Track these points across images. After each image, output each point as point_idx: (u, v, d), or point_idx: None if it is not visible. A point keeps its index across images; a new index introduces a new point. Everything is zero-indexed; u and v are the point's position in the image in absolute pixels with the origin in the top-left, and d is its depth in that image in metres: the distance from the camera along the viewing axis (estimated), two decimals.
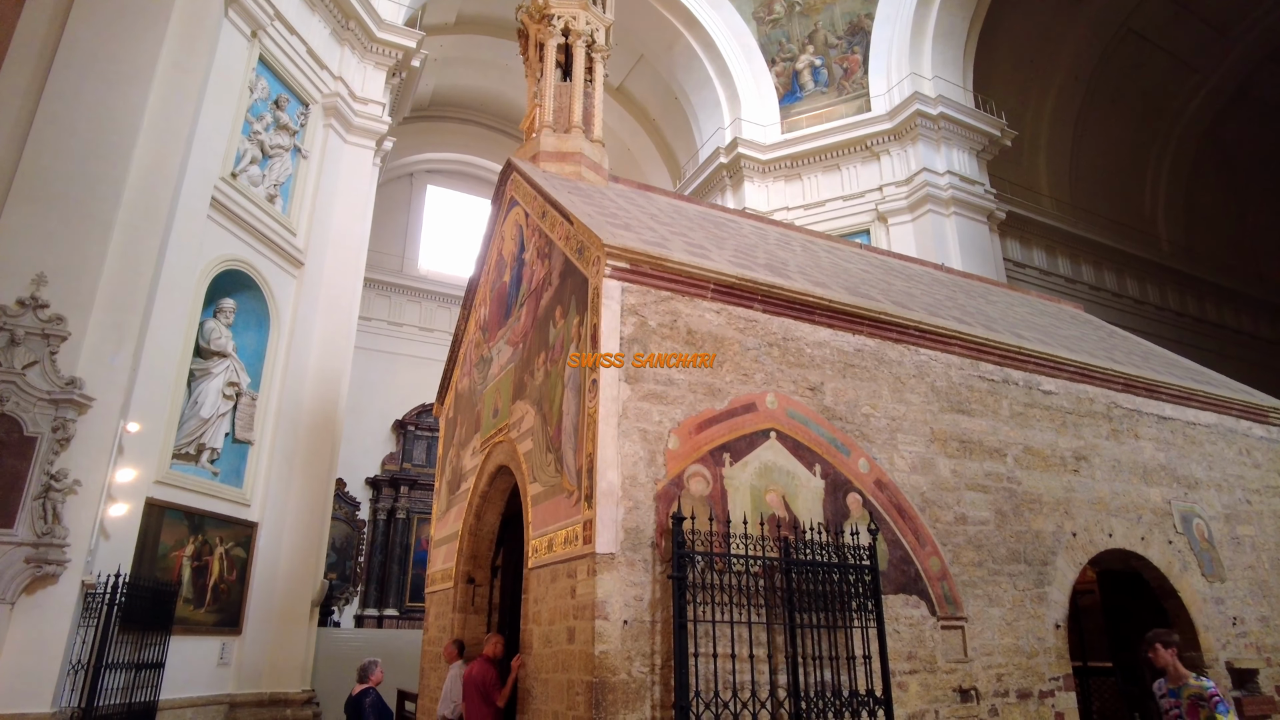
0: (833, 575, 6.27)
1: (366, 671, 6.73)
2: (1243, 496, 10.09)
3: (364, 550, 20.28)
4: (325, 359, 16.22)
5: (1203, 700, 4.74)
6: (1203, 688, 4.87)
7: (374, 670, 6.77)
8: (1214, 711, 4.68)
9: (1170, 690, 5.38)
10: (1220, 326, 26.86)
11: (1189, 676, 4.99)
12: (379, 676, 6.66)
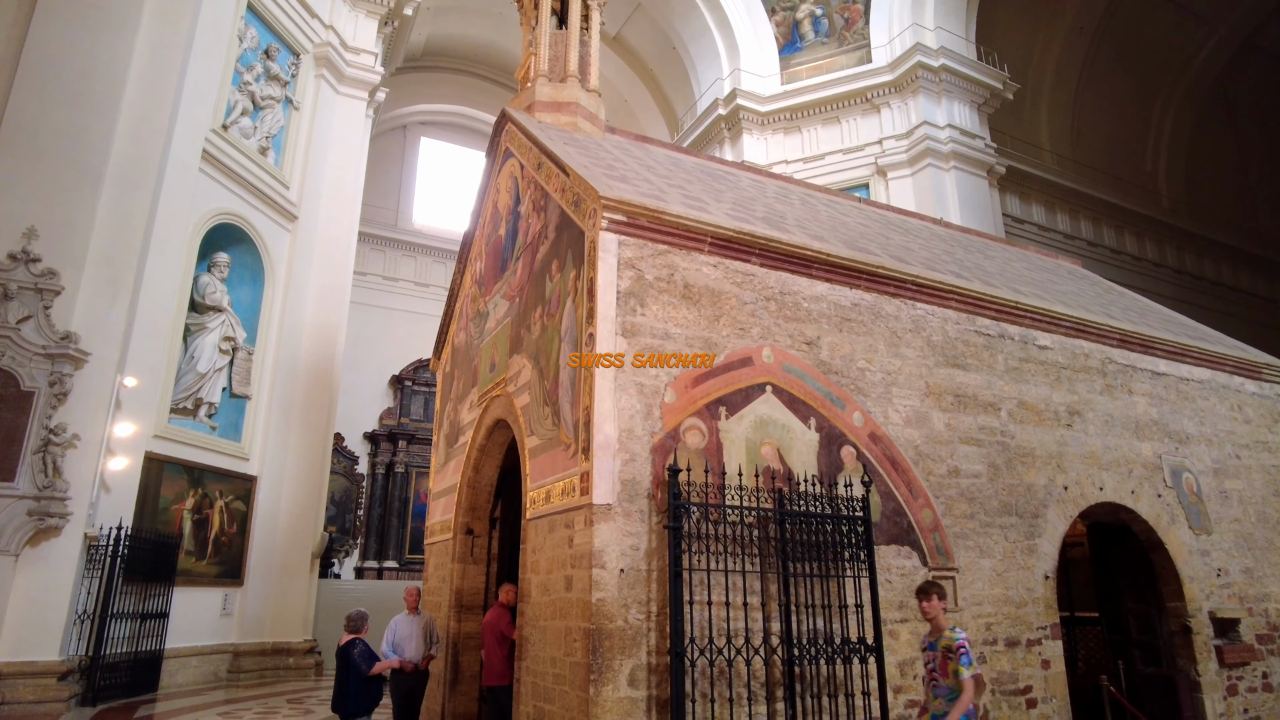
0: (826, 526, 6.36)
1: (356, 623, 6.81)
2: (1232, 451, 10.20)
3: (363, 504, 20.48)
4: (321, 313, 16.18)
5: (951, 652, 4.68)
6: (953, 639, 4.82)
7: (364, 623, 6.80)
8: (959, 664, 4.63)
9: (930, 643, 5.34)
10: (1217, 284, 26.85)
11: (946, 628, 4.90)
12: (368, 629, 6.77)
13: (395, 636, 7.80)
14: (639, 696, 5.49)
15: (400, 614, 8.02)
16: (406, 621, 7.93)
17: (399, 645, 7.75)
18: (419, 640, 7.82)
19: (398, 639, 7.78)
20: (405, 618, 7.95)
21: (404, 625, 7.90)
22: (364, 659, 6.51)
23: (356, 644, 6.55)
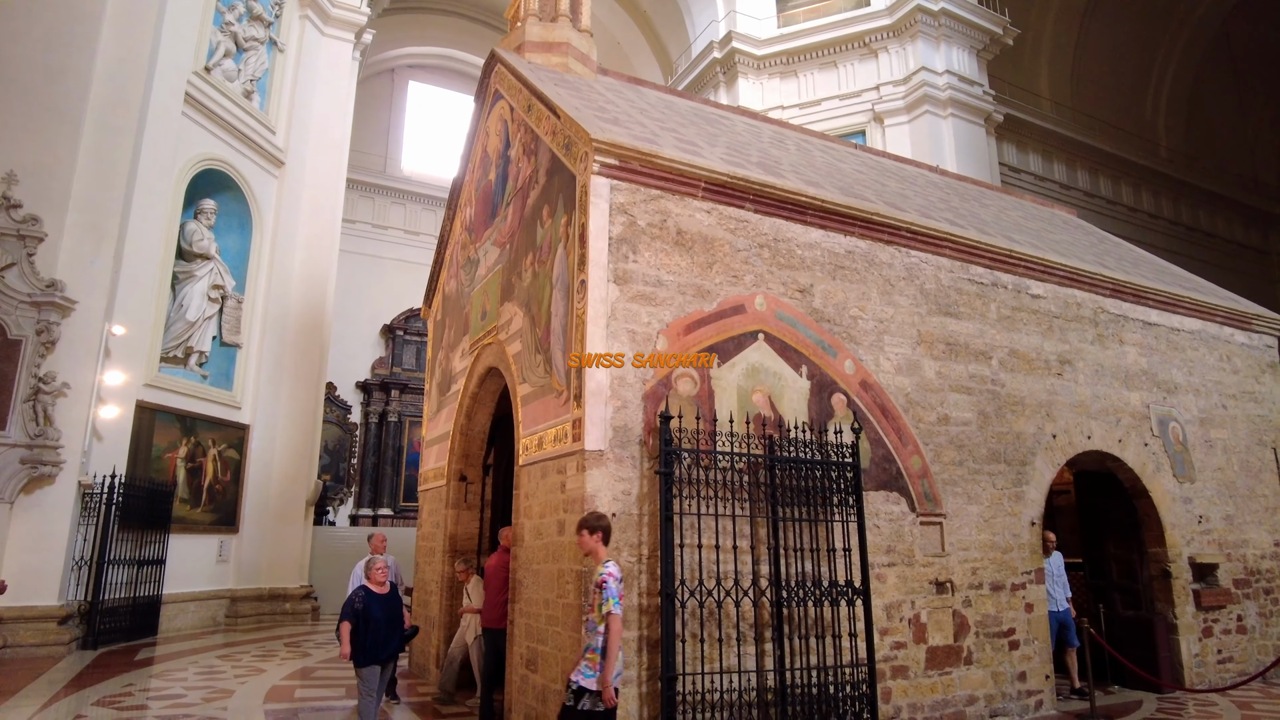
0: (815, 472, 6.41)
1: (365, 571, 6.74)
2: (1219, 401, 10.29)
3: (357, 452, 20.57)
4: (310, 261, 16.02)
5: (598, 587, 4.60)
6: (599, 573, 4.70)
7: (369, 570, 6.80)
8: (603, 598, 4.57)
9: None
10: (1212, 235, 26.79)
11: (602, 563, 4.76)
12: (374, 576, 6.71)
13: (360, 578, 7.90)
14: (630, 637, 5.59)
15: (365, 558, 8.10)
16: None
17: None
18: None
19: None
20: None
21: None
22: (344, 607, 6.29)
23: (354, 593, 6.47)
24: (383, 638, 6.15)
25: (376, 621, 6.12)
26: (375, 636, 6.10)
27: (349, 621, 6.05)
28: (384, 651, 6.19)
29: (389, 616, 6.26)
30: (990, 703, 7.21)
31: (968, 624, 7.23)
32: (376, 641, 6.12)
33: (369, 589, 6.26)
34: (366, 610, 6.13)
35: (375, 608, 6.17)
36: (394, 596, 6.43)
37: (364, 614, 6.11)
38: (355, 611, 6.10)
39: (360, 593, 6.22)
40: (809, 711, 5.92)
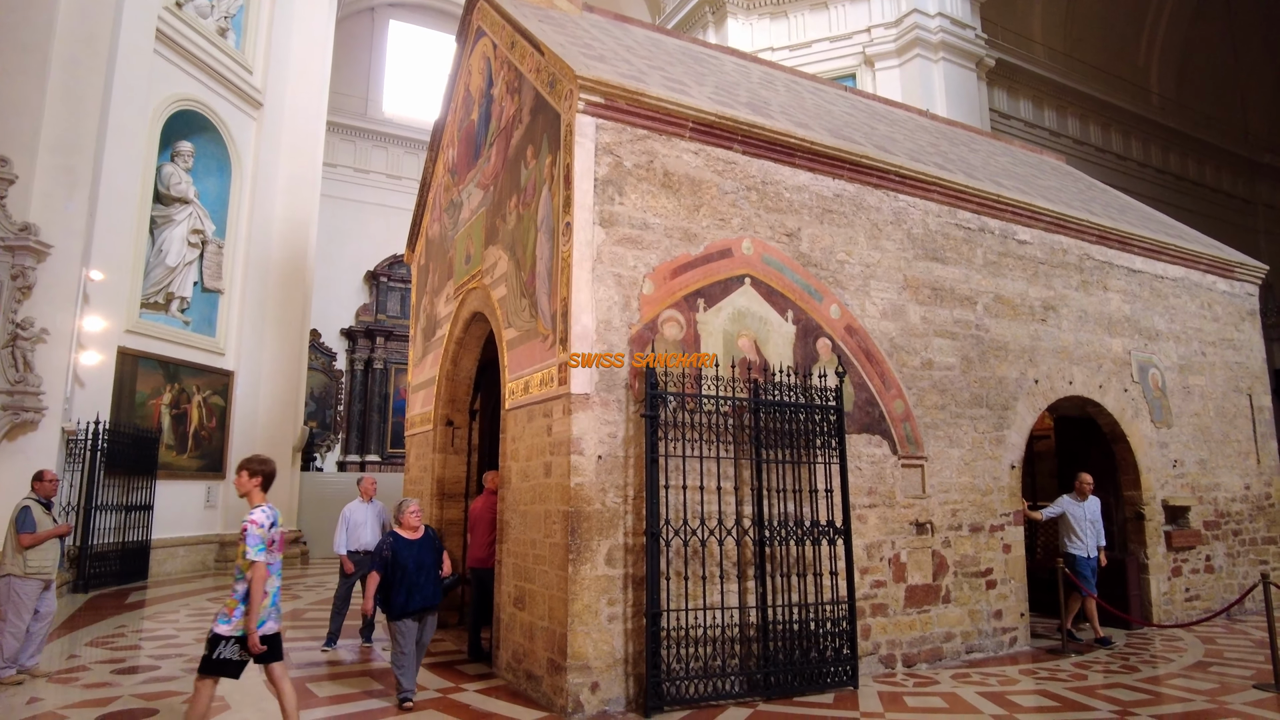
0: (799, 415, 6.47)
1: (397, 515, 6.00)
2: (1198, 348, 10.42)
3: (343, 399, 20.54)
4: (291, 206, 15.76)
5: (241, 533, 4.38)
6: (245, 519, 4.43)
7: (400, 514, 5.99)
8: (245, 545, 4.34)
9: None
10: (1199, 184, 26.76)
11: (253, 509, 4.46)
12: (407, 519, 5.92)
13: (349, 524, 7.90)
14: (616, 574, 5.69)
15: (354, 501, 8.09)
16: (360, 509, 7.99)
17: (353, 532, 7.86)
18: (373, 527, 7.91)
19: (351, 526, 7.89)
20: (359, 505, 8.03)
21: (358, 513, 7.98)
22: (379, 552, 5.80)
23: (384, 538, 5.83)
24: (415, 587, 5.65)
25: (407, 570, 5.64)
26: (405, 586, 5.61)
27: (376, 572, 5.61)
28: (416, 602, 5.66)
29: (422, 563, 5.75)
30: (966, 639, 7.42)
31: (946, 564, 7.40)
32: (407, 591, 5.63)
33: (398, 534, 5.82)
34: (395, 558, 5.64)
35: (406, 554, 5.69)
36: (429, 541, 5.92)
37: (393, 562, 5.62)
38: (384, 560, 5.63)
39: (389, 539, 5.76)
40: (790, 647, 6.08)
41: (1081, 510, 8.37)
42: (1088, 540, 8.31)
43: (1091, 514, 8.39)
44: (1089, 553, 8.30)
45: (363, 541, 7.85)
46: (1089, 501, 8.42)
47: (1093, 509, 8.41)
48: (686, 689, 5.64)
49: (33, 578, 6.30)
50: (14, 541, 6.28)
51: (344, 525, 7.93)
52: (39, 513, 6.40)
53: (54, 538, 6.47)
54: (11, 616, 6.19)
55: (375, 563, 5.64)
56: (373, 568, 5.66)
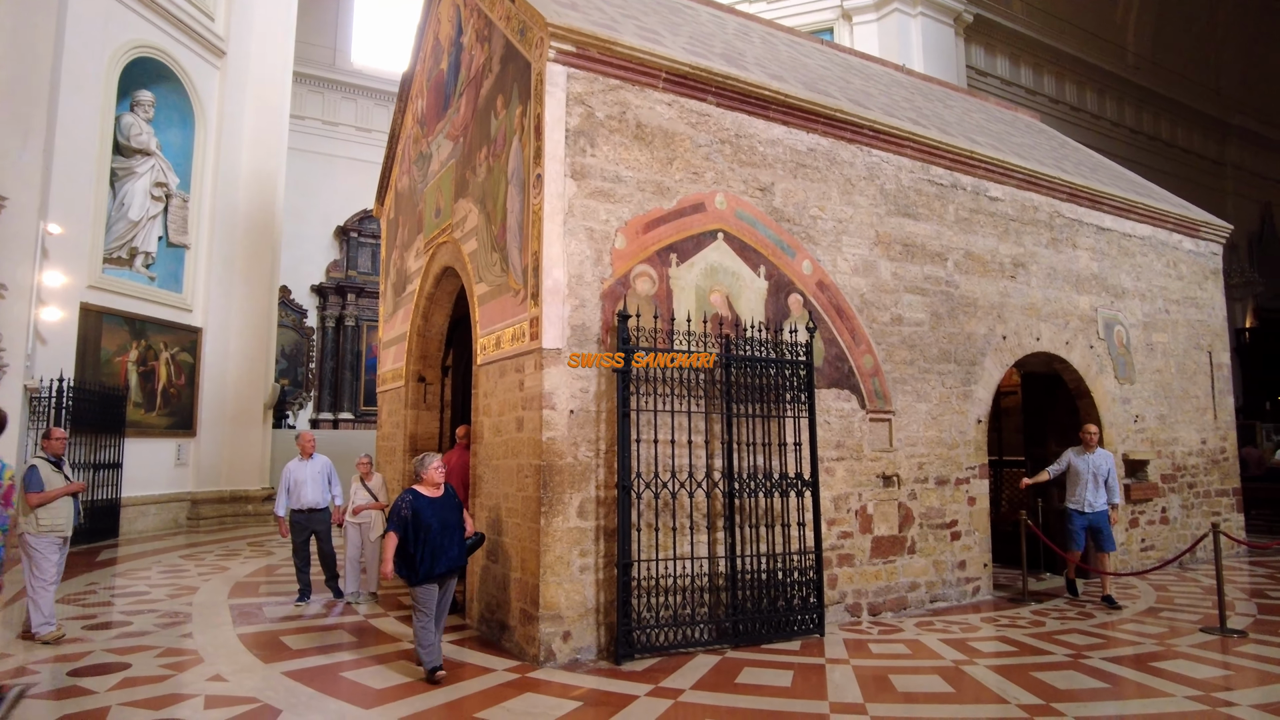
0: (770, 370, 6.52)
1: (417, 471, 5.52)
2: (1163, 306, 10.60)
3: (314, 357, 20.34)
4: (258, 159, 15.39)
5: None
6: None
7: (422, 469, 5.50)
8: None
9: None
10: (1171, 144, 26.96)
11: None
12: (430, 475, 5.45)
13: (290, 481, 7.65)
14: (588, 526, 5.75)
15: (293, 460, 7.79)
16: (300, 467, 7.71)
17: (294, 490, 7.63)
18: (317, 486, 7.69)
19: (293, 484, 7.64)
20: (299, 463, 7.74)
21: (298, 471, 7.69)
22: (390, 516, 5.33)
23: (401, 496, 5.37)
24: (440, 549, 5.25)
25: (432, 530, 5.23)
26: (429, 548, 5.20)
27: (394, 533, 5.19)
28: (442, 565, 5.27)
29: (447, 523, 5.34)
30: (931, 589, 7.63)
31: (912, 516, 7.56)
32: (431, 553, 5.22)
33: (419, 492, 5.38)
34: (416, 518, 5.22)
35: (428, 514, 5.27)
36: (451, 499, 5.51)
37: (415, 523, 5.21)
38: (402, 520, 5.20)
39: (407, 498, 5.30)
40: (758, 596, 6.21)
41: (1084, 463, 7.99)
42: (1084, 495, 7.91)
43: (1094, 468, 7.94)
44: (1085, 508, 7.90)
45: (305, 500, 7.63)
46: (1095, 455, 8.00)
47: (1097, 463, 7.96)
48: (656, 637, 5.76)
49: (47, 534, 6.20)
50: (23, 501, 6.19)
51: (284, 485, 7.65)
52: (48, 471, 6.25)
53: (66, 495, 6.34)
54: (36, 574, 6.13)
55: (393, 523, 5.21)
56: (390, 529, 5.22)
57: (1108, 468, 7.96)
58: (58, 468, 6.35)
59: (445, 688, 5.08)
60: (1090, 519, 7.91)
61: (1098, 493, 7.92)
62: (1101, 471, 7.93)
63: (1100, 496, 7.93)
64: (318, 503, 7.68)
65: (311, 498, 7.66)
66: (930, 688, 5.12)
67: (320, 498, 7.70)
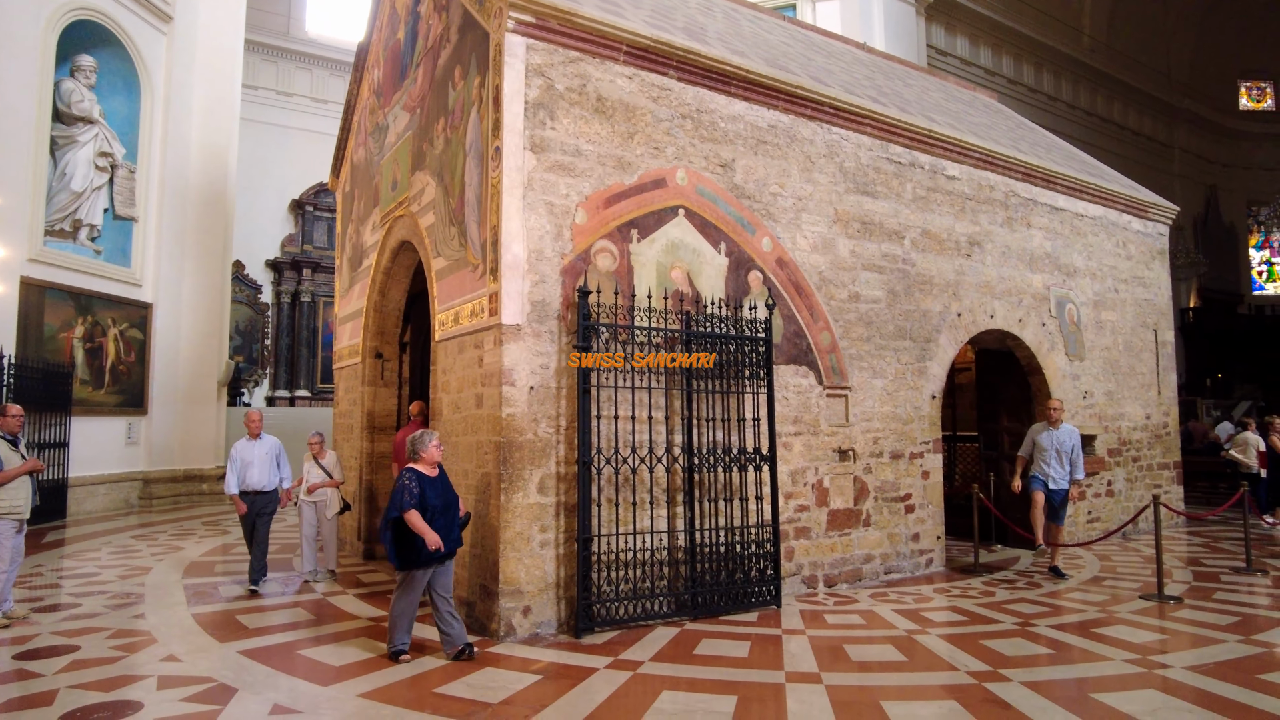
0: (729, 346, 6.56)
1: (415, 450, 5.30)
2: (1112, 285, 10.88)
3: (270, 333, 19.93)
4: (209, 129, 14.92)
5: None
6: None
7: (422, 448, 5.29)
8: None
9: None
10: (1123, 127, 27.55)
11: None
12: (430, 454, 5.27)
13: (238, 464, 7.28)
14: (548, 502, 5.76)
15: (241, 440, 7.42)
16: (248, 447, 7.32)
17: (242, 471, 7.26)
18: (265, 467, 7.32)
19: (240, 466, 7.27)
20: (246, 443, 7.36)
21: (246, 451, 7.30)
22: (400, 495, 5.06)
23: (402, 476, 5.18)
24: (443, 530, 5.12)
25: (435, 510, 5.12)
26: (435, 529, 5.06)
27: (414, 509, 5.01)
28: (445, 546, 5.13)
29: (449, 502, 5.24)
30: (885, 561, 7.80)
31: (867, 489, 7.70)
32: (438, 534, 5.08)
33: (419, 471, 5.18)
34: (423, 497, 5.07)
35: (433, 493, 5.13)
36: (445, 478, 5.37)
37: (421, 501, 5.06)
38: (416, 497, 5.03)
39: (411, 476, 5.12)
40: (717, 568, 6.29)
41: (1049, 439, 7.90)
42: (1048, 470, 7.84)
43: (1058, 443, 7.84)
44: (1048, 481, 7.84)
45: (253, 481, 7.26)
46: (1060, 431, 7.90)
47: (1060, 439, 7.86)
48: (616, 610, 5.81)
49: (5, 518, 5.97)
50: None
51: (233, 465, 7.30)
52: (4, 450, 6.00)
53: (24, 474, 6.09)
54: None
55: (407, 501, 5.00)
56: (407, 506, 5.00)
57: (1072, 444, 7.87)
58: (14, 446, 6.15)
59: (405, 664, 5.07)
60: (1051, 492, 7.87)
61: (1062, 469, 7.84)
62: (1066, 447, 7.85)
63: (1061, 471, 7.84)
64: (263, 485, 7.31)
65: (258, 479, 7.28)
66: (883, 657, 5.25)
67: (266, 480, 7.33)
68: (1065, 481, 7.88)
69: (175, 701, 4.37)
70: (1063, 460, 7.86)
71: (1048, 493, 7.90)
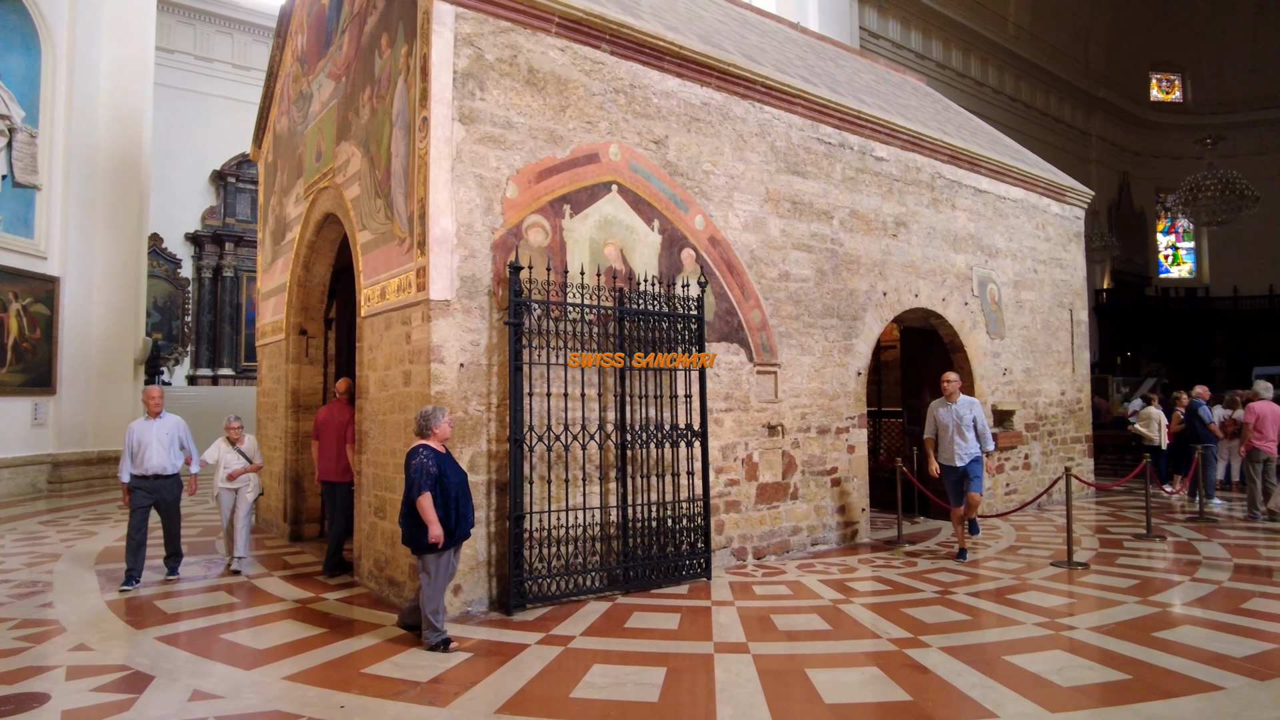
0: (662, 324, 6.58)
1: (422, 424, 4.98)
2: (1032, 265, 11.30)
3: (190, 309, 19.15)
4: (119, 93, 14.13)
5: None
6: None
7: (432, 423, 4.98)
8: None
9: None
10: (1045, 113, 28.51)
11: None
12: (443, 431, 5.00)
13: (134, 443, 6.61)
14: (479, 480, 5.71)
15: (138, 420, 6.76)
16: (145, 427, 6.65)
17: (138, 453, 6.59)
18: (165, 448, 6.66)
19: (136, 445, 6.60)
20: (144, 423, 6.68)
21: (143, 432, 6.63)
22: (418, 473, 4.76)
23: (417, 453, 4.84)
24: (465, 510, 4.90)
25: (454, 487, 4.86)
26: (456, 509, 4.83)
27: (429, 492, 4.73)
28: (465, 525, 4.92)
29: (463, 482, 4.97)
30: (812, 533, 8.00)
31: (795, 463, 7.87)
32: (458, 514, 4.85)
33: (434, 448, 4.89)
34: (443, 476, 4.80)
35: (451, 473, 4.89)
36: (451, 456, 5.06)
37: (439, 481, 4.79)
38: (433, 478, 4.76)
39: (428, 454, 4.81)
40: (649, 543, 6.35)
41: (947, 414, 7.51)
42: (951, 449, 7.44)
43: (957, 418, 7.43)
44: (956, 461, 7.41)
45: (151, 465, 6.58)
46: (957, 404, 7.48)
47: (959, 412, 7.43)
48: (548, 586, 5.82)
49: None
50: None
51: (128, 448, 6.62)
52: None
53: None
54: None
55: (424, 482, 4.72)
56: (424, 488, 4.72)
57: (971, 415, 7.41)
58: None
59: (330, 645, 4.99)
60: (960, 472, 7.46)
61: (965, 444, 7.40)
62: (965, 420, 7.40)
63: (965, 447, 7.39)
64: (164, 468, 6.64)
65: (157, 462, 6.61)
66: (810, 626, 5.40)
67: (168, 462, 6.67)
68: (968, 457, 7.39)
69: (86, 692, 4.21)
70: (964, 433, 7.40)
71: (959, 474, 7.46)
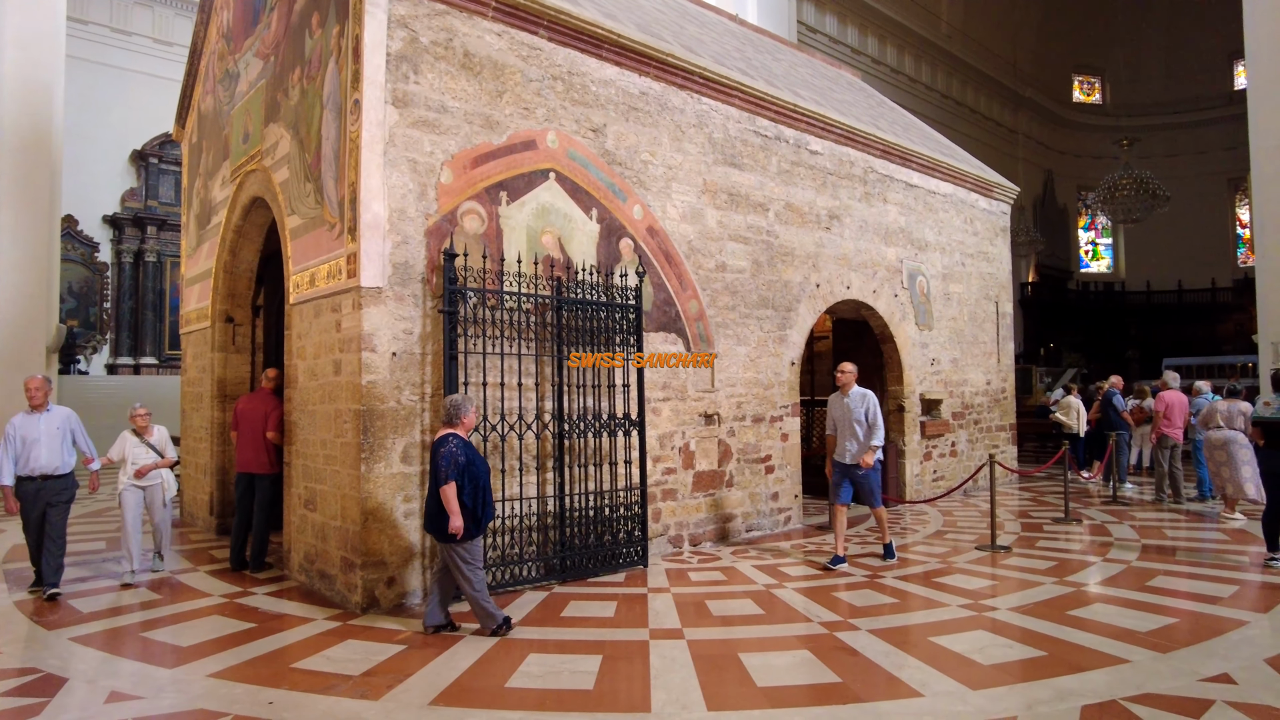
0: (600, 314, 6.59)
1: (450, 414, 4.92)
2: (960, 259, 11.66)
3: (109, 295, 18.30)
4: (25, 64, 13.35)
5: None
6: None
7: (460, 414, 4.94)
8: None
9: None
10: (975, 111, 29.38)
11: None
12: (470, 420, 5.00)
13: (15, 441, 5.97)
14: (411, 471, 5.63)
15: (20, 413, 6.09)
16: (29, 422, 6.01)
17: (23, 452, 5.96)
18: (54, 445, 6.04)
19: (23, 445, 5.97)
20: (26, 417, 6.04)
21: (27, 427, 6.00)
22: (446, 462, 4.70)
23: (445, 441, 4.79)
24: (489, 496, 4.92)
25: (481, 474, 4.84)
26: (484, 496, 4.83)
27: (455, 481, 4.68)
28: (490, 512, 4.93)
29: (487, 467, 4.96)
30: (747, 519, 8.14)
31: (731, 451, 7.99)
32: (485, 502, 4.85)
33: (462, 437, 4.86)
34: (471, 464, 4.77)
35: (479, 461, 4.87)
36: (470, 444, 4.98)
37: (468, 470, 4.76)
38: (460, 468, 4.71)
39: (456, 443, 4.76)
40: (586, 532, 6.37)
41: (838, 408, 6.86)
42: (844, 443, 6.76)
43: (850, 411, 6.73)
44: (845, 457, 6.74)
45: (40, 464, 5.95)
46: (849, 396, 6.79)
47: (851, 405, 6.74)
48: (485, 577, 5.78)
49: None
50: None
51: (9, 445, 5.95)
52: None
53: None
54: None
55: (452, 471, 4.67)
56: (450, 477, 4.67)
57: (864, 408, 6.68)
58: None
59: (260, 640, 4.87)
60: (848, 469, 6.75)
61: (858, 442, 6.71)
62: (859, 414, 6.68)
63: (855, 445, 6.72)
64: (55, 468, 6.01)
65: (46, 461, 5.97)
66: (743, 610, 5.50)
67: (58, 461, 6.03)
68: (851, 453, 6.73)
69: None
70: (854, 429, 6.71)
71: (846, 470, 6.76)
